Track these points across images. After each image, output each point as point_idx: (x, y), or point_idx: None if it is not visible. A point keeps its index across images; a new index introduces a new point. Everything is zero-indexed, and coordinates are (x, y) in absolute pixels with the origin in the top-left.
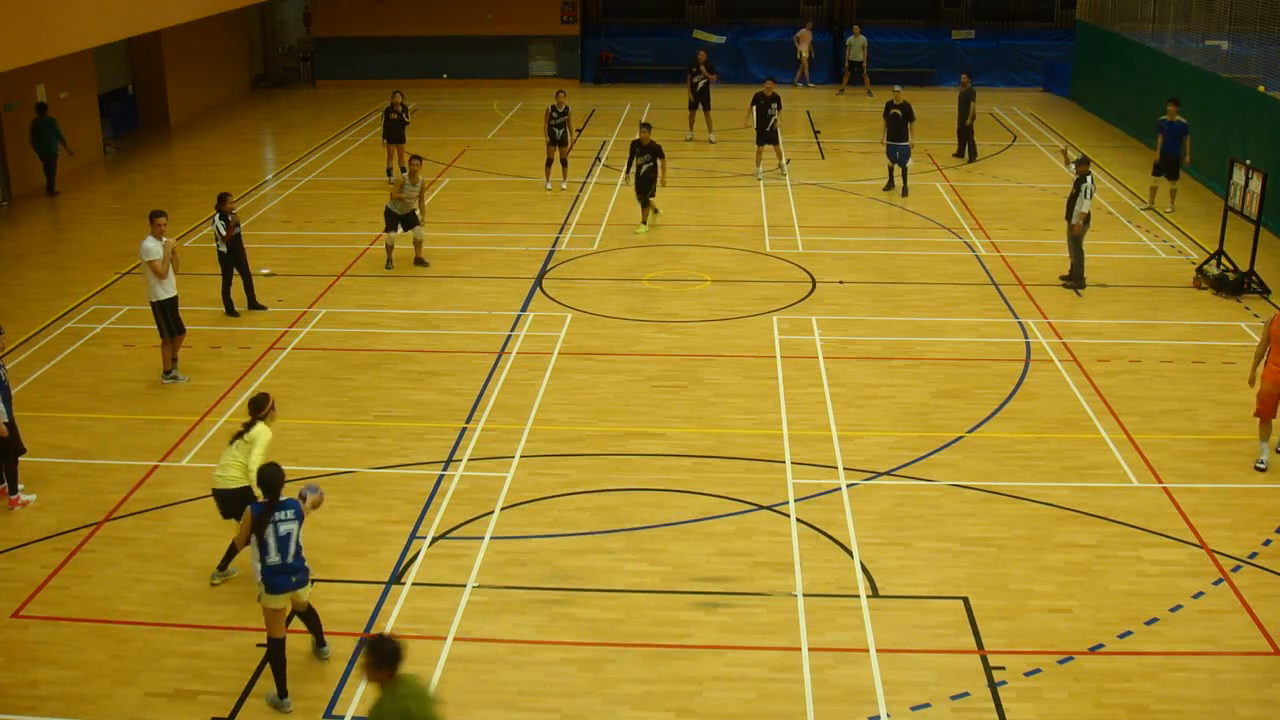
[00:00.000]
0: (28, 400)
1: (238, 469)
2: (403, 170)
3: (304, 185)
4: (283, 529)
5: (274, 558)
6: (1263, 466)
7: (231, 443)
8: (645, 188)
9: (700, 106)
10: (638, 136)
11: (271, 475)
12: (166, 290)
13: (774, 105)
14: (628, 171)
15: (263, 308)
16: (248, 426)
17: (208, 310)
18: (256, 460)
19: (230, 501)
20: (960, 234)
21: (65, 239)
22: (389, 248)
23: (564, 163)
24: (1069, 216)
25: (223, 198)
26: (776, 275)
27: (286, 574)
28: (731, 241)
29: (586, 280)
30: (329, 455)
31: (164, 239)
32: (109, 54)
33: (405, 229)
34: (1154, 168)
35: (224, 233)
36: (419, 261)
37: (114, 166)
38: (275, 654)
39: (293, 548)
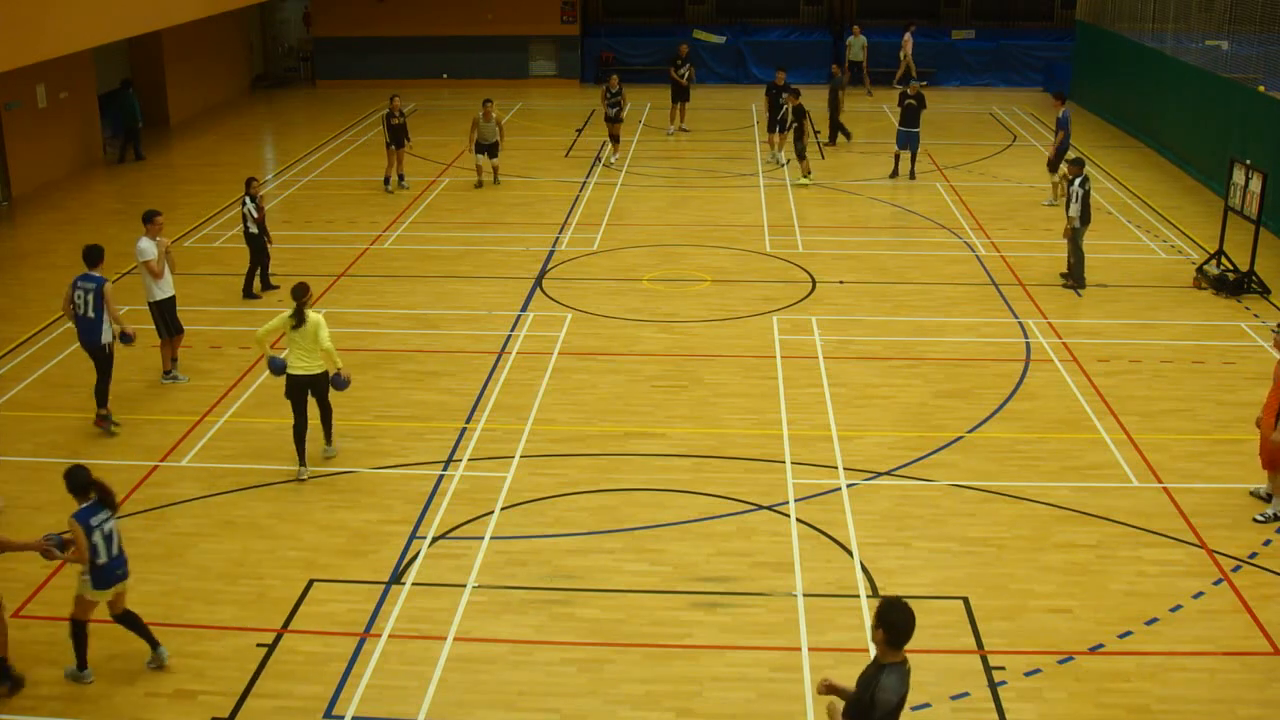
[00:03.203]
0: (28, 400)
1: (319, 357)
2: (400, 179)
3: (304, 185)
4: (106, 528)
5: (104, 558)
6: (1262, 519)
7: (295, 329)
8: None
9: (680, 99)
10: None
11: (80, 478)
12: (164, 290)
13: (785, 95)
14: (784, 131)
15: (275, 287)
16: (302, 315)
17: (208, 310)
18: (328, 343)
19: (318, 384)
20: (960, 234)
21: (65, 239)
22: (479, 169)
23: (615, 139)
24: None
25: (250, 181)
26: (776, 275)
27: (114, 569)
28: (731, 241)
29: (586, 280)
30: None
31: (158, 239)
32: (109, 54)
33: (491, 156)
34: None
35: (256, 214)
36: (495, 181)
37: (114, 166)
38: (78, 632)
39: (116, 543)
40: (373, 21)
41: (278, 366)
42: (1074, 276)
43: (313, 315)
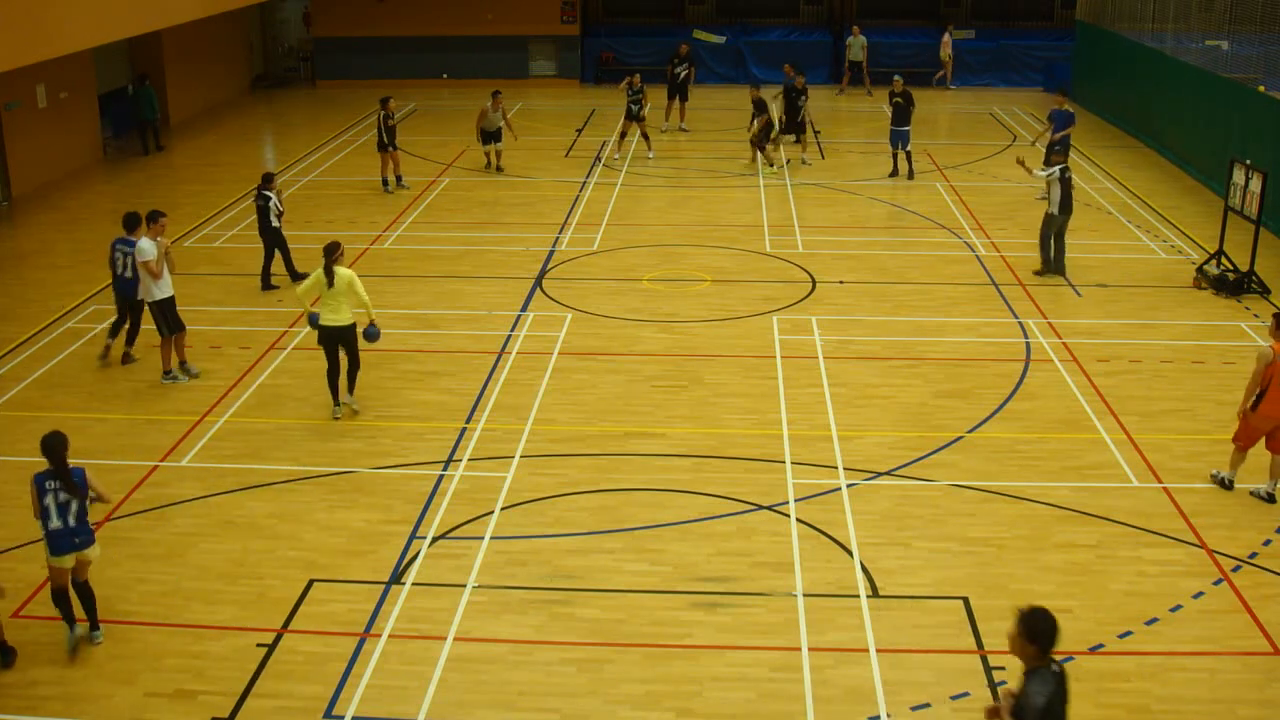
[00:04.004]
0: (28, 400)
1: (348, 310)
2: (399, 179)
3: (304, 185)
4: (62, 496)
5: (55, 523)
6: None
7: (330, 286)
8: (763, 137)
9: (679, 97)
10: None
11: (54, 445)
12: (163, 290)
13: (803, 97)
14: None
15: (275, 287)
16: (331, 273)
17: (208, 310)
18: (364, 295)
19: (346, 336)
20: (960, 234)
21: (65, 239)
22: (487, 154)
23: (645, 136)
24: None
25: (269, 177)
26: (776, 275)
27: (69, 536)
28: (731, 241)
29: (586, 280)
30: (329, 455)
31: (159, 239)
32: (109, 54)
33: (495, 142)
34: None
35: (281, 208)
36: (499, 169)
37: (114, 166)
38: (58, 598)
39: (74, 513)
40: (373, 21)
41: (315, 321)
42: (1052, 266)
43: (343, 271)
